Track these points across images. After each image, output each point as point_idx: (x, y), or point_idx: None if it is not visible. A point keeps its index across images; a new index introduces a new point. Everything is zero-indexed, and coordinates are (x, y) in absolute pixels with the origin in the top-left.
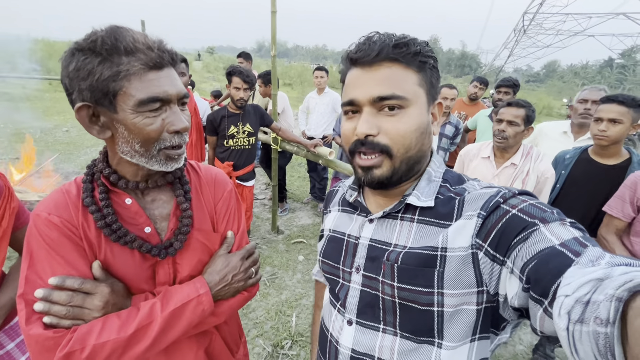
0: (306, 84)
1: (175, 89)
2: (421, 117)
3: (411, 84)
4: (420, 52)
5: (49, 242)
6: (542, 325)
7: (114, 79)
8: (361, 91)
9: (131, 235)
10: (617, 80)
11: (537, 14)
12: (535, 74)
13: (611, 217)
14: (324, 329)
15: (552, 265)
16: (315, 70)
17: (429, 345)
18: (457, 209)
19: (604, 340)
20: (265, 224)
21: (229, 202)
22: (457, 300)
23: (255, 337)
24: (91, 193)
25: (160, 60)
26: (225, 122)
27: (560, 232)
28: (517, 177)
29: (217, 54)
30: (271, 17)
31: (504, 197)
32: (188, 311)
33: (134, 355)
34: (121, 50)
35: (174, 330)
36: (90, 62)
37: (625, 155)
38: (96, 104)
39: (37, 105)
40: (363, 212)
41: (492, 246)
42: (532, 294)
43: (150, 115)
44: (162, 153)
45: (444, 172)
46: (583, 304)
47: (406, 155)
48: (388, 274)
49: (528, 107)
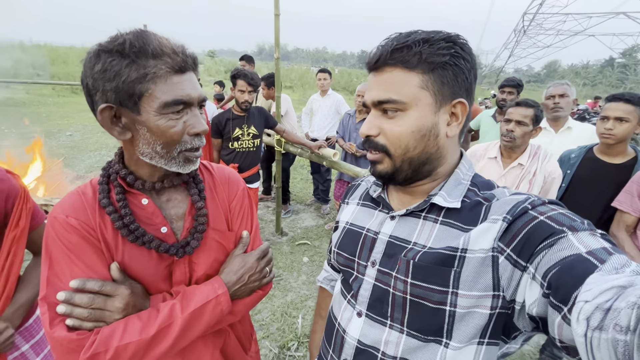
0: (307, 87)
1: (196, 92)
2: (422, 120)
3: (412, 87)
4: (422, 54)
5: (67, 244)
6: (561, 333)
7: (140, 81)
8: (368, 94)
9: (149, 236)
10: (619, 80)
11: (537, 15)
12: (536, 74)
13: (621, 213)
14: (332, 318)
15: (576, 271)
16: (319, 72)
17: (435, 344)
18: (484, 215)
19: (623, 348)
20: (269, 226)
21: (243, 201)
22: (471, 302)
23: (262, 339)
24: (107, 194)
25: (184, 64)
26: (230, 125)
27: (589, 242)
28: (525, 178)
29: (217, 57)
30: (274, 20)
31: (532, 204)
32: (207, 312)
33: (155, 356)
34: (149, 53)
35: (194, 330)
36: (117, 64)
37: (631, 154)
38: (120, 105)
39: (40, 110)
40: (385, 209)
41: (515, 251)
42: (552, 300)
43: (173, 118)
44: (182, 155)
45: (473, 176)
46: (603, 311)
47: (406, 155)
48: (402, 270)
49: (537, 106)
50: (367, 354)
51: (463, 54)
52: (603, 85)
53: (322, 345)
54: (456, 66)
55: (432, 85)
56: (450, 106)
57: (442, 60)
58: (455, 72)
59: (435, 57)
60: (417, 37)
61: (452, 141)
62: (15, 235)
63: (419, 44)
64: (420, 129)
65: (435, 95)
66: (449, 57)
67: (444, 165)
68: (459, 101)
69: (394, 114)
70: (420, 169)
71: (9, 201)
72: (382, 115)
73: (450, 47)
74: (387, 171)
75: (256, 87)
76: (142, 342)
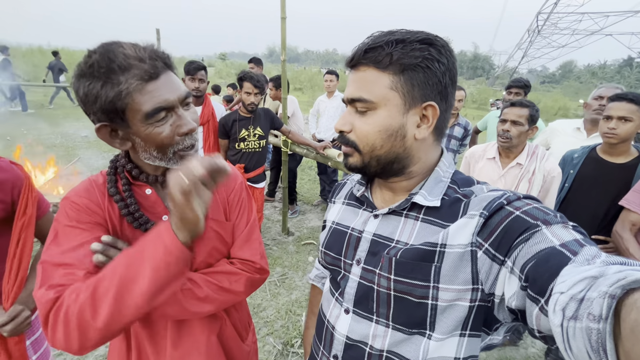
0: (317, 88)
1: (175, 94)
2: (389, 120)
3: (381, 87)
4: (393, 55)
5: (77, 219)
6: (539, 324)
7: (118, 99)
8: (346, 91)
9: (152, 223)
10: (638, 80)
11: (551, 14)
12: (551, 74)
13: (628, 212)
14: (321, 315)
15: (551, 264)
16: (326, 74)
17: (419, 337)
18: (462, 211)
19: (597, 336)
20: (275, 226)
21: (240, 194)
22: (452, 295)
23: (266, 336)
24: (115, 184)
25: (154, 70)
26: (236, 126)
27: (562, 234)
28: (524, 177)
29: (229, 60)
30: (281, 23)
31: (508, 200)
32: (147, 254)
33: (104, 312)
34: (116, 69)
35: (140, 276)
36: (94, 87)
37: (634, 154)
38: (111, 122)
39: (57, 112)
40: (369, 207)
41: (494, 246)
42: (530, 293)
43: (159, 125)
44: (177, 155)
45: (453, 173)
46: (577, 301)
47: (373, 153)
48: (385, 267)
49: (532, 106)
50: (355, 349)
51: (438, 57)
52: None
53: (314, 342)
54: (428, 69)
55: (401, 86)
56: (421, 108)
57: (413, 62)
58: (427, 74)
59: (406, 59)
60: (392, 37)
61: (425, 142)
62: (24, 222)
63: (392, 44)
64: (387, 128)
65: (404, 96)
66: (420, 60)
67: (417, 164)
68: (429, 104)
69: (364, 112)
70: (389, 167)
71: (15, 190)
72: (355, 113)
73: (425, 49)
74: (357, 165)
75: (262, 90)
76: (84, 298)
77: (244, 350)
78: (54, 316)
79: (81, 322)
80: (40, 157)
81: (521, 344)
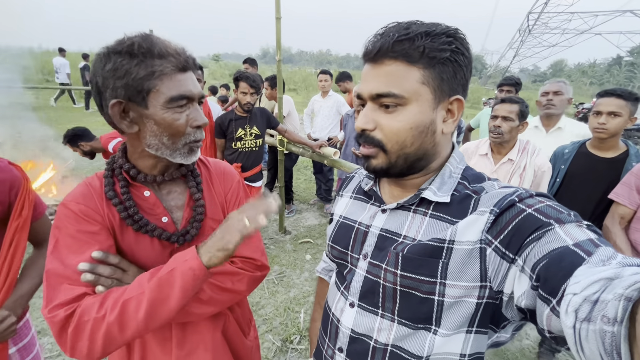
0: (311, 89)
1: (197, 89)
2: (420, 116)
3: (412, 82)
4: (425, 48)
5: (76, 227)
6: (549, 324)
7: (148, 78)
8: (365, 86)
9: (152, 225)
10: (627, 79)
11: (542, 14)
12: (542, 73)
13: (617, 206)
14: (327, 309)
15: (564, 264)
16: (320, 73)
17: (424, 332)
18: (472, 208)
19: (611, 339)
20: (272, 225)
21: (238, 192)
22: (459, 292)
23: (265, 333)
24: (112, 187)
25: (186, 64)
26: (233, 125)
27: (576, 233)
28: (515, 173)
29: (222, 61)
30: (276, 23)
31: (520, 197)
32: (177, 277)
33: (136, 324)
34: (155, 54)
35: (169, 297)
36: (127, 63)
37: (623, 148)
38: (129, 101)
39: (50, 114)
40: (377, 202)
41: (503, 244)
42: (541, 292)
43: (178, 111)
44: (187, 146)
45: (464, 169)
46: (591, 303)
47: (402, 151)
48: (392, 262)
49: (521, 102)
50: (360, 342)
51: (463, 50)
52: (611, 84)
53: (320, 334)
54: (456, 62)
55: (432, 81)
56: (448, 103)
57: (444, 56)
58: (455, 68)
59: (437, 53)
60: (418, 29)
61: (447, 137)
62: (19, 224)
63: (421, 37)
64: (418, 125)
65: (435, 91)
66: (449, 53)
67: (437, 160)
68: (456, 98)
69: (394, 108)
70: (415, 164)
71: (13, 191)
72: (379, 109)
73: (452, 43)
74: (382, 166)
75: (258, 89)
76: (111, 317)
77: (247, 346)
78: (73, 334)
79: (108, 338)
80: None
81: (516, 336)
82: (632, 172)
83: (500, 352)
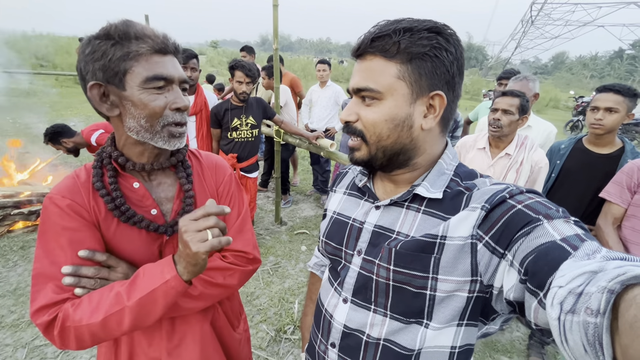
0: (309, 78)
1: (177, 73)
2: (396, 110)
3: (388, 77)
4: (400, 44)
5: (62, 223)
6: (537, 317)
7: (124, 59)
8: (351, 81)
9: (139, 216)
10: (627, 72)
11: (545, 4)
12: (543, 65)
13: (609, 204)
14: (319, 304)
15: (550, 258)
16: (318, 63)
17: (416, 325)
18: (464, 204)
19: (593, 330)
20: (268, 216)
21: (230, 186)
22: (450, 286)
23: (259, 323)
24: (101, 178)
25: (164, 46)
26: (228, 115)
27: (563, 229)
28: (512, 167)
29: (220, 48)
30: (273, 11)
31: (510, 193)
32: (159, 297)
33: (117, 335)
34: (131, 35)
35: (152, 312)
36: (104, 45)
37: (619, 145)
38: (107, 83)
39: (44, 100)
40: (370, 198)
41: (494, 239)
42: (529, 286)
43: (154, 92)
44: (166, 130)
45: (457, 166)
46: (576, 295)
47: (379, 144)
48: (385, 258)
49: (522, 96)
50: (353, 337)
51: (446, 46)
52: (611, 78)
53: (312, 330)
54: (436, 58)
55: (409, 76)
56: (428, 98)
57: (421, 51)
58: (435, 64)
59: (414, 48)
60: (399, 26)
61: (430, 133)
62: None
63: (399, 32)
64: (393, 118)
65: (412, 86)
66: (429, 48)
67: (422, 155)
68: (436, 93)
69: (371, 101)
70: (395, 158)
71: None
72: (361, 102)
73: (432, 38)
74: (363, 159)
75: (254, 79)
76: (93, 326)
77: (236, 339)
78: (59, 336)
79: (94, 338)
80: (25, 147)
81: (506, 328)
82: (622, 170)
83: (491, 344)
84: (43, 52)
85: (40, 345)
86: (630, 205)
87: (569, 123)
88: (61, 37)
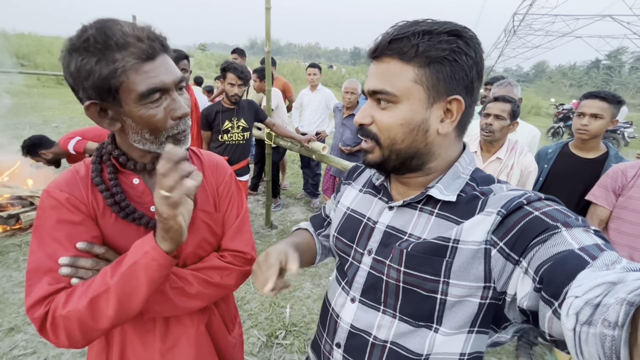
0: (299, 82)
1: (171, 77)
2: (412, 114)
3: (405, 80)
4: (419, 47)
5: (59, 217)
6: (551, 327)
7: (112, 76)
8: (367, 83)
9: (139, 213)
10: (604, 81)
11: (526, 15)
12: (525, 74)
13: (595, 207)
14: (326, 303)
15: (567, 267)
16: (309, 67)
17: (425, 330)
18: (479, 209)
19: (610, 343)
20: (259, 219)
21: (230, 186)
22: (462, 291)
23: (250, 328)
24: (100, 173)
25: (152, 50)
26: (219, 117)
27: (582, 237)
28: (502, 171)
29: (209, 50)
30: (265, 14)
31: (528, 199)
32: (141, 270)
33: (107, 321)
34: (113, 46)
35: (137, 290)
36: (88, 63)
37: (603, 149)
38: (102, 101)
39: (25, 100)
40: (384, 197)
41: (509, 245)
42: (544, 295)
43: (153, 106)
44: (171, 139)
45: (473, 171)
46: (593, 306)
47: (393, 147)
48: (396, 259)
49: (514, 102)
50: (359, 338)
51: (466, 50)
52: (589, 86)
53: (317, 330)
54: (455, 62)
55: (426, 80)
56: (445, 102)
57: (440, 55)
58: (454, 68)
59: (432, 51)
60: (418, 28)
61: (447, 138)
62: None
63: (418, 35)
64: (409, 122)
65: (429, 90)
66: (448, 52)
67: (436, 160)
68: (454, 98)
69: (386, 105)
70: (408, 162)
71: None
72: (376, 105)
73: (452, 42)
74: (376, 161)
75: (246, 81)
76: (80, 311)
77: (230, 342)
78: (51, 329)
79: (84, 330)
80: (4, 148)
81: None
82: (607, 174)
83: None
84: (24, 51)
85: (19, 355)
86: (615, 207)
87: (550, 129)
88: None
